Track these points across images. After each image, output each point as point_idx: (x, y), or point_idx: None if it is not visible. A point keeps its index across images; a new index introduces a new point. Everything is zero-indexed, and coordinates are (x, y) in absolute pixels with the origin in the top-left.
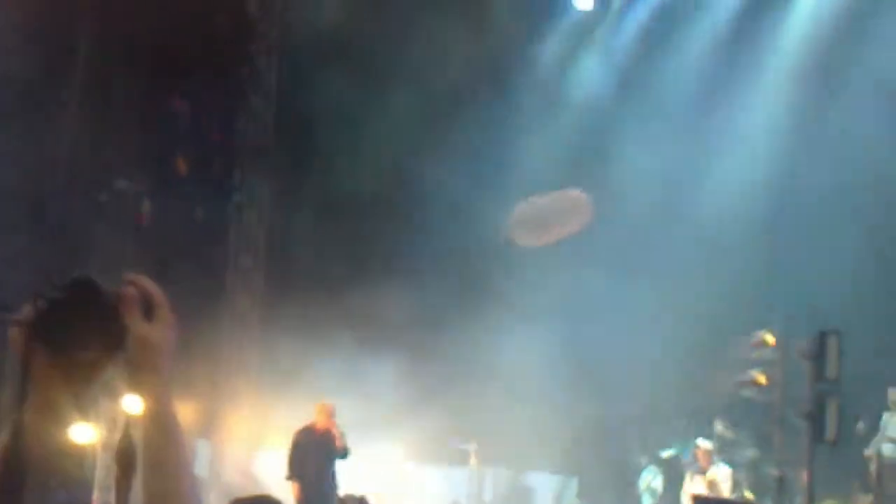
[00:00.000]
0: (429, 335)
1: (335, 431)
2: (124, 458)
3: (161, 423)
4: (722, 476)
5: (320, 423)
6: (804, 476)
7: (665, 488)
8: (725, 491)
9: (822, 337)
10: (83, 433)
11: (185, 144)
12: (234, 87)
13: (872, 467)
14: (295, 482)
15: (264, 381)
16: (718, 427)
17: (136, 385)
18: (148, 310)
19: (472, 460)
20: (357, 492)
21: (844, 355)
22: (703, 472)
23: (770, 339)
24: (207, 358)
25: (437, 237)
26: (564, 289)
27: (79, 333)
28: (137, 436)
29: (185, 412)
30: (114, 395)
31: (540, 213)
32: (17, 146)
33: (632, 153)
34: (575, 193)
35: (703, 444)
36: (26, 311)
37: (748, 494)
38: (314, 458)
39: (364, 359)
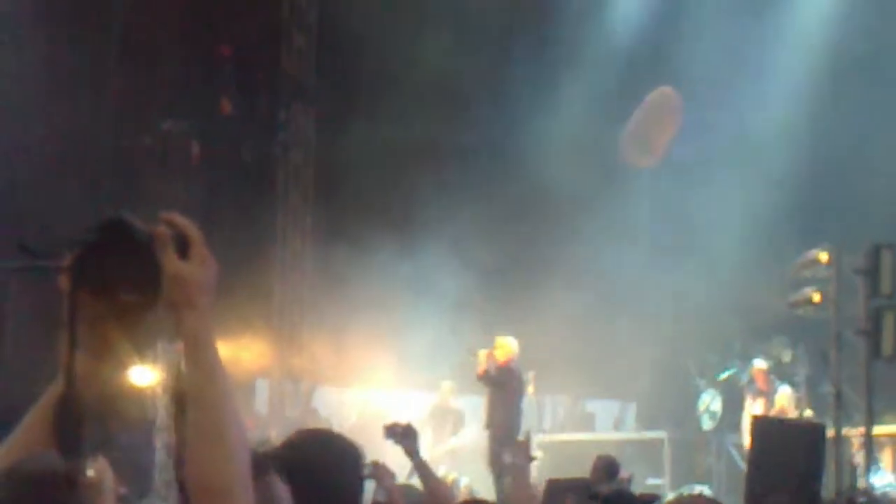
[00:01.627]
0: (486, 267)
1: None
2: (179, 397)
3: (199, 359)
4: (786, 397)
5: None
6: (863, 393)
7: (724, 410)
8: (791, 411)
9: (875, 251)
10: (142, 376)
11: (229, 84)
12: (277, 24)
13: None
14: None
15: (320, 317)
16: (776, 347)
17: (175, 323)
18: (183, 247)
19: (531, 388)
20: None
21: None
22: (762, 393)
23: (823, 256)
24: (262, 297)
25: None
26: (618, 217)
27: (114, 275)
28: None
29: (243, 351)
30: (172, 337)
31: (644, 126)
32: (63, 91)
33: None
34: (664, 90)
35: (759, 364)
36: (67, 256)
37: (809, 413)
38: None
39: (419, 292)
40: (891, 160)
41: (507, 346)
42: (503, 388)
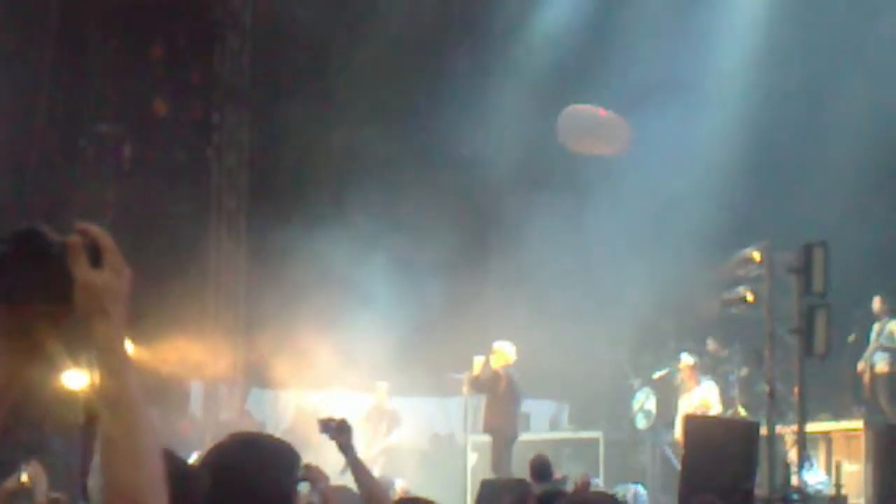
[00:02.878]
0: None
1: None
2: (90, 405)
3: (111, 367)
4: (708, 393)
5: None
6: (795, 391)
7: (658, 409)
8: (714, 406)
9: (807, 249)
10: (76, 379)
11: (163, 86)
12: (210, 26)
13: (865, 380)
14: None
15: (254, 320)
16: (710, 345)
17: (88, 333)
18: (95, 256)
19: (465, 389)
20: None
21: (831, 268)
22: (688, 388)
23: (756, 254)
24: (196, 299)
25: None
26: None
27: (26, 285)
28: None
29: (178, 354)
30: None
31: (582, 123)
32: None
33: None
34: (616, 119)
35: (686, 359)
36: None
37: (741, 411)
38: None
39: (354, 292)
40: (823, 157)
41: (502, 354)
42: (493, 392)
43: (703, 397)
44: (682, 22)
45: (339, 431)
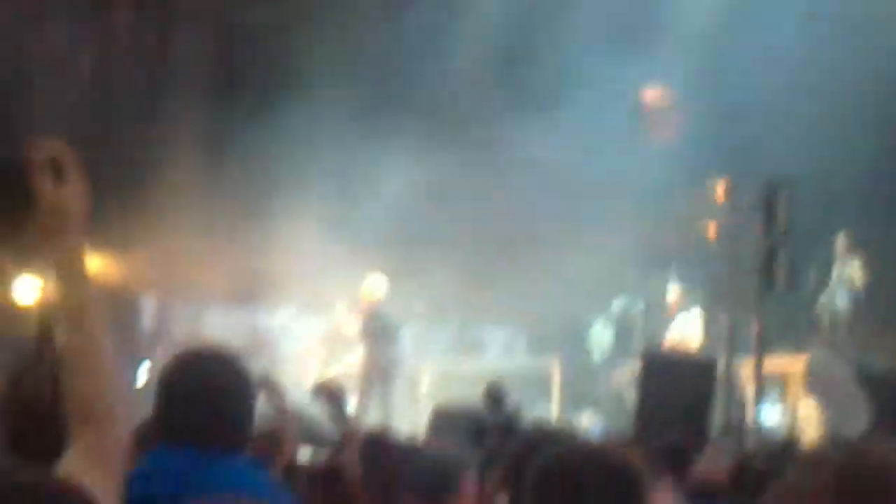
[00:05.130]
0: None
1: None
2: (42, 322)
3: (73, 285)
4: (692, 324)
5: None
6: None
7: (616, 340)
8: (695, 340)
9: (770, 186)
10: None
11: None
12: None
13: (825, 317)
14: None
15: (211, 232)
16: (670, 279)
17: (48, 248)
18: (58, 173)
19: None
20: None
21: (794, 204)
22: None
23: (718, 189)
24: (150, 208)
25: None
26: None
27: None
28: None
29: (128, 265)
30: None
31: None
32: None
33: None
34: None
35: (675, 287)
36: None
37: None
38: None
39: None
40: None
41: (373, 290)
42: (368, 329)
43: (685, 329)
44: None
45: (331, 398)
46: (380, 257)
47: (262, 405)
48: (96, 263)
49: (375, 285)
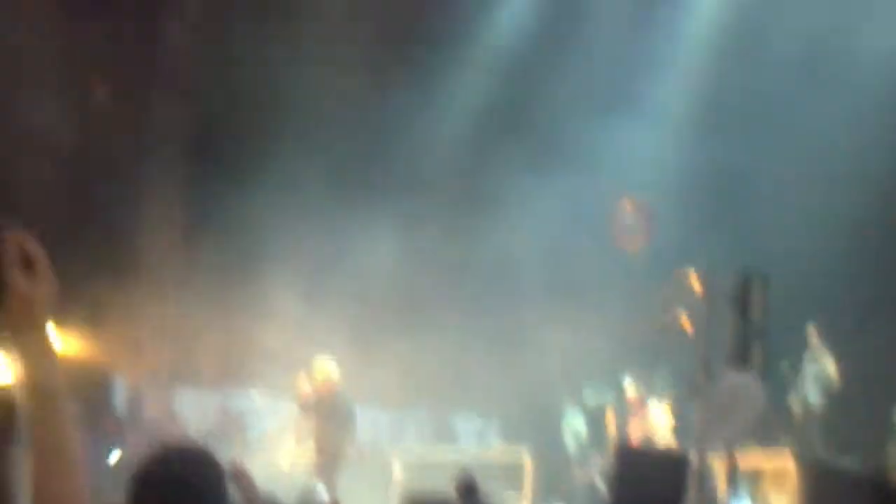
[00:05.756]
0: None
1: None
2: (3, 423)
3: (43, 379)
4: (658, 419)
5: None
6: None
7: (589, 431)
8: (663, 434)
9: (746, 278)
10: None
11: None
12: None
13: (797, 412)
14: None
15: (183, 316)
16: (643, 369)
17: (16, 344)
18: (27, 266)
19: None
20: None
21: (770, 297)
22: (635, 412)
23: (694, 281)
24: (124, 293)
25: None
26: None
27: None
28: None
29: (100, 346)
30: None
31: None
32: None
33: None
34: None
35: (629, 385)
36: None
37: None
38: None
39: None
40: (766, 185)
41: (323, 372)
42: (318, 412)
43: (652, 423)
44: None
45: (237, 479)
46: (351, 338)
47: (232, 496)
48: (69, 342)
49: (326, 366)
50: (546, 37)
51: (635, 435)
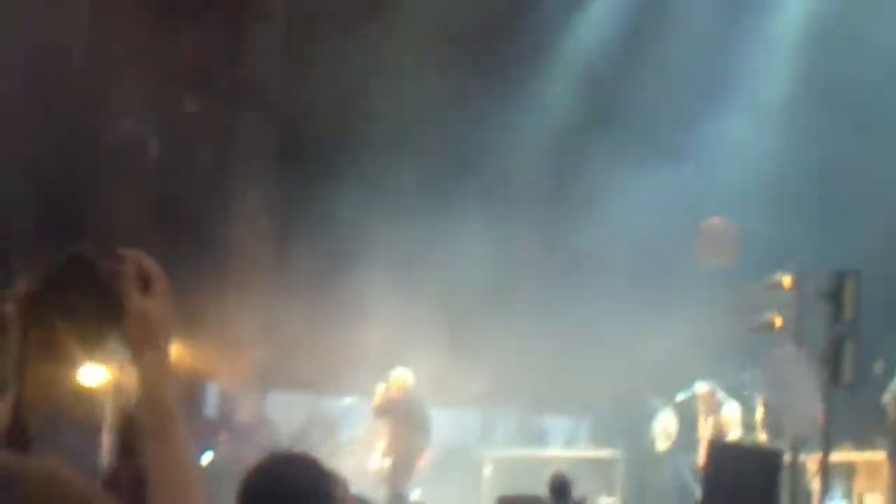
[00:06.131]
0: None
1: None
2: (126, 438)
3: (160, 399)
4: (731, 415)
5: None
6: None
7: (680, 430)
8: (734, 429)
9: (839, 276)
10: (91, 375)
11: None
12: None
13: (890, 412)
14: None
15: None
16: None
17: (134, 361)
18: (145, 284)
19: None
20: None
21: (863, 295)
22: (708, 413)
23: (786, 280)
24: (217, 298)
25: None
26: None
27: (73, 310)
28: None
29: (195, 352)
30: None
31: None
32: (18, 90)
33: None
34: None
35: (701, 387)
36: (21, 287)
37: (762, 437)
38: None
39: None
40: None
41: (399, 380)
42: (394, 417)
43: (723, 419)
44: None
45: None
46: (443, 340)
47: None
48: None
49: (401, 374)
50: (638, 30)
51: (708, 433)
